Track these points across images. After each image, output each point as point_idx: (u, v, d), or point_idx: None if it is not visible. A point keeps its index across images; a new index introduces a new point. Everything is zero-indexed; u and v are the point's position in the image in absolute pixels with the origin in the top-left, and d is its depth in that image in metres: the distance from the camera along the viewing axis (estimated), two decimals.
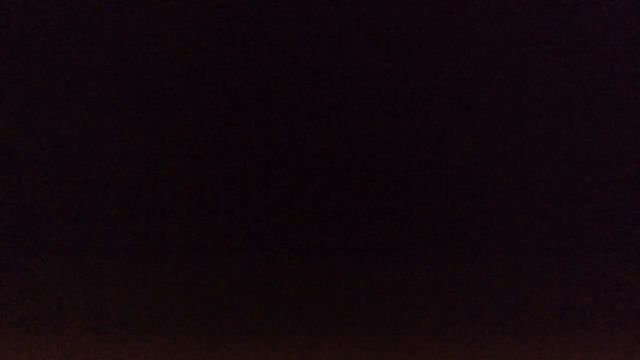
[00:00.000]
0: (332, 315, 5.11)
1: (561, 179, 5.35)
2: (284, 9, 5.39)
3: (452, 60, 5.38)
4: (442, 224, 5.32)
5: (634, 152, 5.34)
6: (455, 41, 5.38)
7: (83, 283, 5.26)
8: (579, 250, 5.32)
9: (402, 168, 5.33)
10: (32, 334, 4.95)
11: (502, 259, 5.29)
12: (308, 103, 5.36)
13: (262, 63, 5.38)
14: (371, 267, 5.29)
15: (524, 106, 5.37)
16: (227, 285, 5.25)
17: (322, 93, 5.36)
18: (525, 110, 5.37)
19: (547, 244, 5.32)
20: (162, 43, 5.39)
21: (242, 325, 5.07)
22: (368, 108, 5.37)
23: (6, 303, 5.16)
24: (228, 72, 5.38)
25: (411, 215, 5.32)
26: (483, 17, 5.38)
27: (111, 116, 5.38)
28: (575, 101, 5.37)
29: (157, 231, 5.32)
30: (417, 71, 5.38)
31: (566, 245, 5.32)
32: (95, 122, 5.37)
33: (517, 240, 5.32)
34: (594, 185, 5.36)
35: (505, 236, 5.31)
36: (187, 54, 5.39)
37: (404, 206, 5.32)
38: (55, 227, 5.34)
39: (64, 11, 5.38)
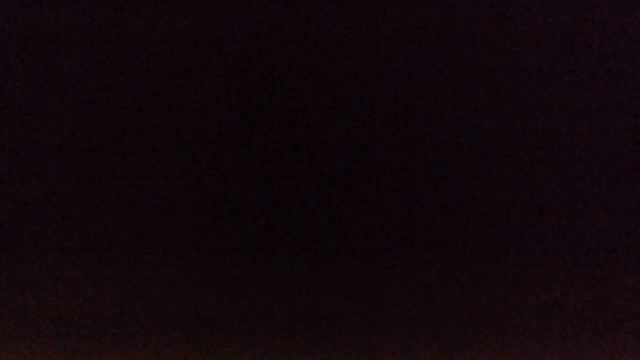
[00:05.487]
0: (331, 316, 5.10)
1: (561, 179, 5.35)
2: (284, 9, 5.39)
3: (451, 60, 5.38)
4: (442, 224, 5.32)
5: (634, 152, 5.33)
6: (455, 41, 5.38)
7: (82, 284, 5.26)
8: (579, 250, 5.31)
9: (401, 168, 5.33)
10: (31, 335, 4.94)
11: (502, 259, 5.29)
12: (307, 104, 5.36)
13: (262, 63, 5.38)
14: (370, 267, 5.29)
15: (523, 106, 5.36)
16: (227, 287, 5.25)
17: (322, 94, 5.36)
18: (524, 110, 5.37)
19: (547, 244, 5.32)
20: (162, 43, 5.39)
21: (242, 327, 5.07)
22: (366, 108, 5.37)
23: (6, 304, 5.15)
24: (228, 73, 5.38)
25: (411, 215, 5.32)
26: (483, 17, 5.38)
27: (111, 116, 5.38)
28: (575, 101, 5.37)
29: (157, 232, 5.31)
30: (417, 72, 5.38)
31: (566, 245, 5.32)
32: (95, 122, 5.37)
33: (516, 240, 5.32)
34: (594, 185, 5.35)
35: (504, 236, 5.31)
36: (187, 54, 5.39)
37: (404, 206, 5.32)
38: (54, 227, 5.34)
39: (63, 11, 5.38)
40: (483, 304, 5.21)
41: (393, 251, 5.29)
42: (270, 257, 5.28)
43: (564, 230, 5.33)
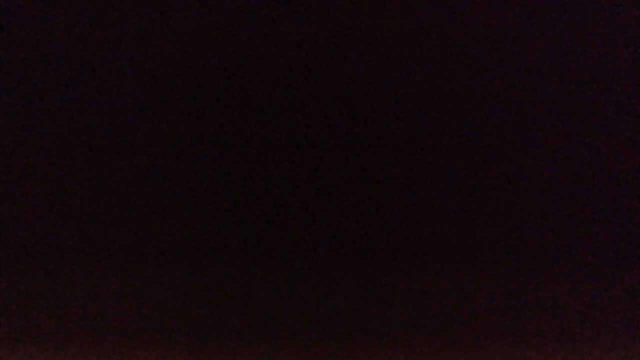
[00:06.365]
0: (332, 317, 5.10)
1: (560, 179, 5.35)
2: (283, 9, 5.39)
3: (451, 60, 5.38)
4: (441, 226, 5.32)
5: (634, 152, 5.33)
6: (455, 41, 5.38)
7: (83, 285, 5.27)
8: (579, 250, 5.31)
9: (401, 170, 5.34)
10: (31, 336, 4.95)
11: (501, 260, 5.29)
12: (306, 105, 5.37)
13: (262, 63, 5.38)
14: (370, 269, 5.29)
15: (523, 106, 5.36)
16: (226, 288, 5.25)
17: (322, 95, 5.36)
18: (524, 110, 5.37)
19: (546, 244, 5.32)
20: (162, 43, 5.39)
21: (242, 328, 5.07)
22: (367, 109, 5.37)
23: (6, 305, 5.16)
24: (227, 73, 5.38)
25: (410, 217, 5.32)
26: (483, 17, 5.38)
27: (111, 116, 5.38)
28: (575, 101, 5.37)
29: (158, 233, 5.32)
30: (416, 72, 5.38)
31: (566, 245, 5.32)
32: (95, 122, 5.38)
33: (516, 241, 5.32)
34: (594, 185, 5.36)
35: (504, 237, 5.31)
36: (187, 54, 5.39)
37: (403, 209, 5.32)
38: (54, 228, 5.34)
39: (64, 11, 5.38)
40: (483, 305, 5.22)
41: (393, 252, 5.29)
42: (270, 257, 5.29)
43: (563, 231, 5.33)
